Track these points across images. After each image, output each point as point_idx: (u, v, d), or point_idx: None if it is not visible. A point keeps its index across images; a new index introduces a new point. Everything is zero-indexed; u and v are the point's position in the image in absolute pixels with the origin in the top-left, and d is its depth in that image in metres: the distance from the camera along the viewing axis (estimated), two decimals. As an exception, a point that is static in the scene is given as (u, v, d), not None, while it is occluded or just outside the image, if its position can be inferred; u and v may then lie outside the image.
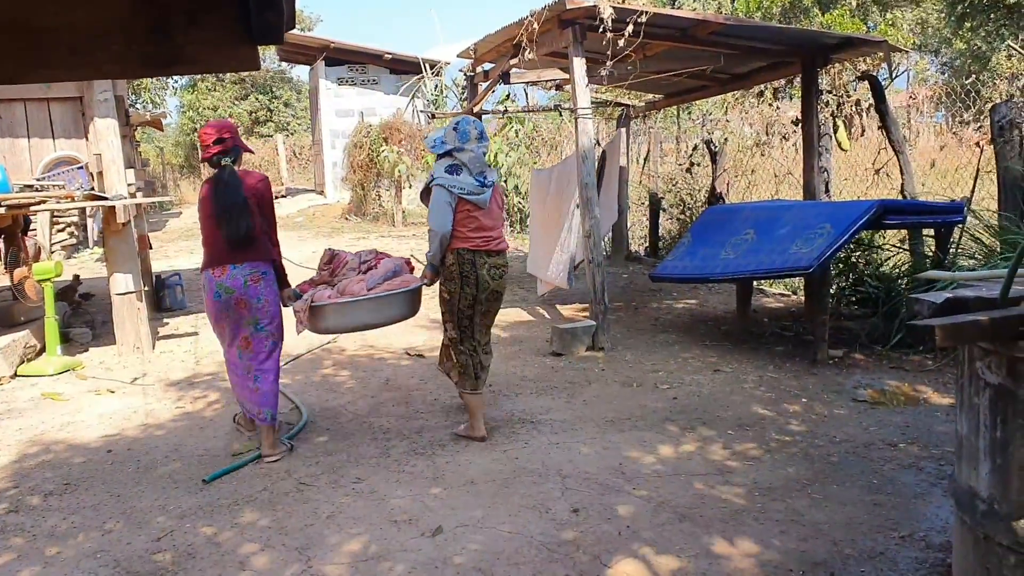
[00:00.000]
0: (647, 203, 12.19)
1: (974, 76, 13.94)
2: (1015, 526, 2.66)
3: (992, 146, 6.60)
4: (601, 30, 6.38)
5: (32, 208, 7.04)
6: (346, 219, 18.27)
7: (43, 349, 7.00)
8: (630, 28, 6.36)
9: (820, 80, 8.33)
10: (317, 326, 4.88)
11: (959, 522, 2.97)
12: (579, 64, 6.74)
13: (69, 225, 14.48)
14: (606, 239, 11.07)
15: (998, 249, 6.11)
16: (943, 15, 24.47)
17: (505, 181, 15.04)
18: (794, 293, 8.65)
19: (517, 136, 14.81)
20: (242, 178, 4.70)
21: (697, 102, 14.02)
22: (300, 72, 32.46)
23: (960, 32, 23.56)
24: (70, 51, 1.31)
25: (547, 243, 8.41)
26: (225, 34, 1.36)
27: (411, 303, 4.94)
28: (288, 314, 4.88)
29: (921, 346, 6.12)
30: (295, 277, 5.36)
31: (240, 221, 4.61)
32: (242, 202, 4.63)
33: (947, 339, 2.58)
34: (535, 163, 15.15)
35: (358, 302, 4.78)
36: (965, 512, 2.90)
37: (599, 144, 11.48)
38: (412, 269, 5.11)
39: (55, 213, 12.80)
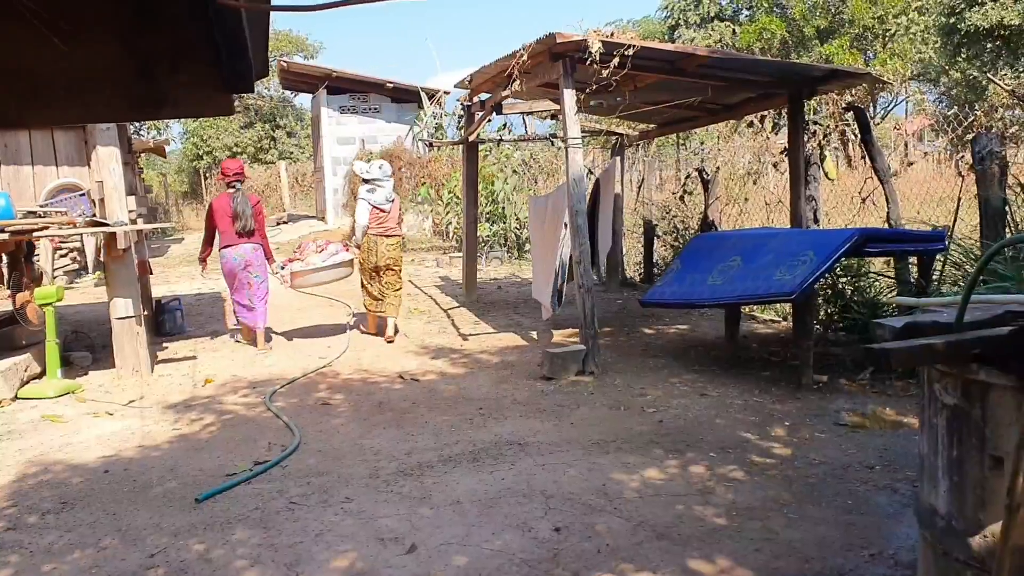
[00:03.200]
0: (642, 230, 12.35)
1: (961, 107, 14.10)
2: (970, 541, 2.77)
3: (975, 176, 6.76)
4: (590, 63, 6.57)
5: (35, 234, 7.20)
6: (346, 245, 18.44)
7: (44, 372, 7.13)
8: (618, 61, 6.55)
9: (813, 111, 8.51)
10: (295, 284, 8.68)
11: (922, 539, 3.08)
12: (569, 95, 6.91)
13: (72, 251, 14.65)
14: (602, 265, 11.22)
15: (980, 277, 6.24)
16: (939, 45, 24.80)
17: (503, 208, 15.25)
18: (784, 319, 8.77)
19: (509, 164, 15.04)
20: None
21: (696, 131, 14.26)
22: (303, 100, 32.82)
23: (956, 62, 23.87)
24: (66, 96, 1.46)
25: (545, 269, 8.55)
26: (202, 82, 1.52)
27: (347, 267, 8.67)
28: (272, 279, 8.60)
29: (887, 370, 6.23)
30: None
31: (249, 219, 8.18)
32: (251, 209, 8.24)
33: (901, 362, 2.71)
34: (531, 190, 15.33)
35: (319, 267, 8.53)
36: (927, 529, 3.02)
37: (592, 173, 11.68)
38: (348, 248, 8.76)
39: (57, 239, 12.96)
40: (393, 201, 8.46)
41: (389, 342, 8.47)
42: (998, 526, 2.62)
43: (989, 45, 21.39)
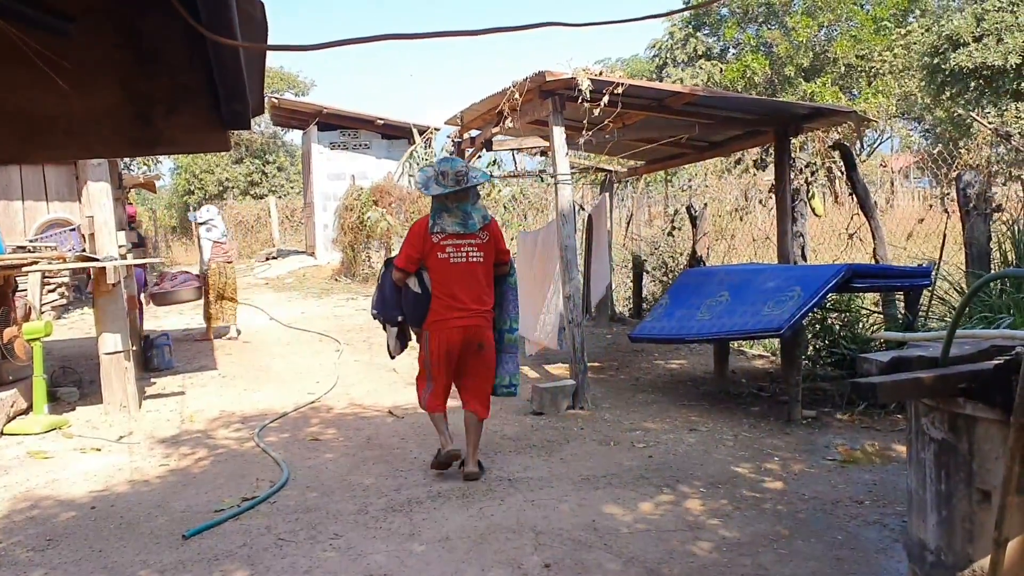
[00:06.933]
0: (631, 265, 12.41)
1: (940, 146, 14.30)
2: (959, 576, 2.78)
3: (960, 212, 6.85)
4: (580, 100, 6.65)
5: (24, 269, 7.19)
6: (336, 280, 18.44)
7: (30, 408, 7.08)
8: (607, 99, 6.63)
9: (800, 147, 8.62)
10: (154, 303, 10.89)
11: (911, 574, 3.09)
12: (559, 133, 6.99)
13: (60, 286, 14.58)
14: (594, 302, 11.24)
15: (966, 312, 6.31)
16: (924, 84, 25.12)
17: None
18: (772, 354, 8.80)
19: (499, 200, 15.18)
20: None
21: (684, 168, 14.39)
22: (294, 136, 32.98)
23: (940, 100, 24.18)
24: (66, 135, 1.49)
25: (534, 304, 8.58)
26: (199, 121, 1.55)
27: (196, 291, 10.78)
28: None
29: (871, 403, 6.24)
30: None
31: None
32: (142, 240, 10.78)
33: (888, 396, 2.74)
34: (520, 226, 15.41)
35: (168, 290, 10.61)
36: (916, 563, 3.02)
37: (583, 208, 11.76)
38: (198, 278, 10.97)
39: (46, 273, 12.94)
40: (227, 235, 11.44)
41: (232, 339, 11.28)
42: (987, 561, 2.63)
43: (973, 84, 21.69)
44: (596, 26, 1.24)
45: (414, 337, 5.51)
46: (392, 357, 5.66)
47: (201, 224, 11.15)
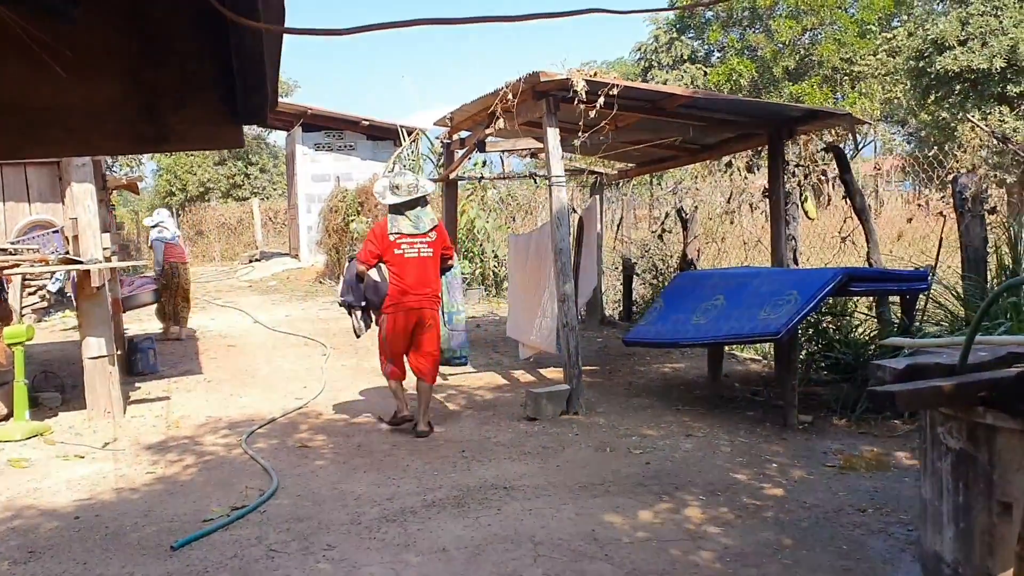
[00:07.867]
0: (620, 268, 12.34)
1: (935, 148, 14.32)
2: (979, 590, 2.71)
3: (956, 216, 6.80)
4: (575, 102, 6.56)
5: (5, 271, 7.03)
6: (320, 283, 18.28)
7: (11, 414, 6.91)
8: (601, 100, 6.55)
9: (789, 150, 8.56)
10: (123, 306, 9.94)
11: (925, 587, 3.02)
12: (553, 134, 6.90)
13: (41, 288, 14.36)
14: (582, 304, 11.17)
15: (963, 316, 6.26)
16: (909, 88, 25.22)
17: (482, 245, 15.22)
18: (765, 358, 8.75)
19: (486, 202, 15.06)
20: None
21: (671, 171, 14.34)
22: (277, 137, 32.76)
23: (925, 104, 24.29)
24: (65, 130, 1.38)
25: (529, 307, 8.48)
26: (211, 116, 1.44)
27: (153, 292, 10.57)
28: None
29: (885, 412, 6.19)
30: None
31: None
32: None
33: (907, 405, 2.67)
34: (509, 228, 15.33)
35: (128, 295, 10.02)
36: (931, 576, 2.95)
37: (575, 211, 11.69)
38: (156, 280, 10.95)
39: (27, 276, 12.73)
40: (177, 236, 11.75)
41: (179, 339, 11.18)
42: (1009, 574, 2.55)
43: (958, 87, 21.79)
44: (640, 13, 1.14)
45: (374, 319, 6.54)
46: (358, 336, 6.75)
47: (152, 227, 11.58)
